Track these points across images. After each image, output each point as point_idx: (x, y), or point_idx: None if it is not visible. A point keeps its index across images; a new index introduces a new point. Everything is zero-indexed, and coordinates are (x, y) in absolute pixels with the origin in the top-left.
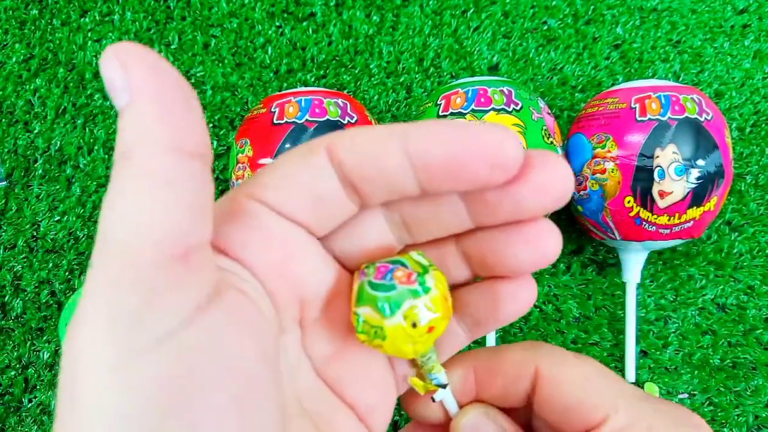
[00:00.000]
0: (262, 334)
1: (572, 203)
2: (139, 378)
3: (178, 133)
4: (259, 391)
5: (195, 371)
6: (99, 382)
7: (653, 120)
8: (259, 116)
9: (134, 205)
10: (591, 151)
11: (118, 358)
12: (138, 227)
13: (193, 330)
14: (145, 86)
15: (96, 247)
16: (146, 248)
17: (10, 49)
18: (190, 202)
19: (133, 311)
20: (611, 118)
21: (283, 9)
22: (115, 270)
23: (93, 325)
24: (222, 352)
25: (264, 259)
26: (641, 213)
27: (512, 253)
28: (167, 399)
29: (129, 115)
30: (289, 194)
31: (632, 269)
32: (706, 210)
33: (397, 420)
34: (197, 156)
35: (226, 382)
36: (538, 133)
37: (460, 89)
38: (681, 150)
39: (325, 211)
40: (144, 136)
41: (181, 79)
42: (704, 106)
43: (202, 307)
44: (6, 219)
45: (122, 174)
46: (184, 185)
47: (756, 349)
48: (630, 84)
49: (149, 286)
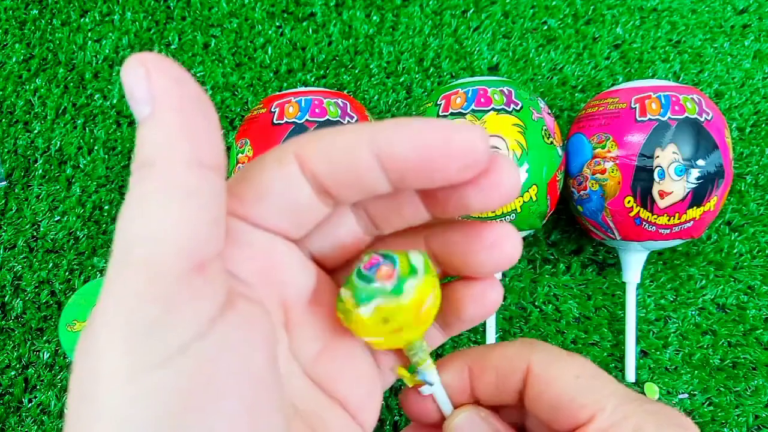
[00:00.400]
0: (270, 341)
1: (572, 203)
2: (154, 388)
3: (198, 146)
4: (268, 396)
5: (209, 381)
6: (116, 391)
7: (653, 120)
8: (259, 116)
9: (157, 216)
10: (591, 151)
11: (135, 368)
12: (161, 239)
13: (208, 341)
14: (168, 98)
15: (114, 256)
16: (169, 260)
17: (10, 49)
18: (208, 214)
19: (152, 322)
20: (611, 118)
21: (283, 9)
22: (136, 281)
23: (112, 334)
24: (234, 361)
25: (248, 270)
26: (641, 213)
27: (473, 254)
28: (181, 408)
29: (150, 125)
30: (265, 207)
31: (632, 269)
32: (706, 210)
33: (397, 420)
34: (215, 168)
35: (238, 389)
36: (538, 133)
37: (460, 89)
38: (681, 150)
39: (300, 217)
40: (166, 148)
41: (201, 92)
42: (704, 106)
43: (216, 318)
44: (6, 219)
45: (143, 185)
46: (203, 197)
47: (756, 349)
48: (630, 84)
49: (169, 297)
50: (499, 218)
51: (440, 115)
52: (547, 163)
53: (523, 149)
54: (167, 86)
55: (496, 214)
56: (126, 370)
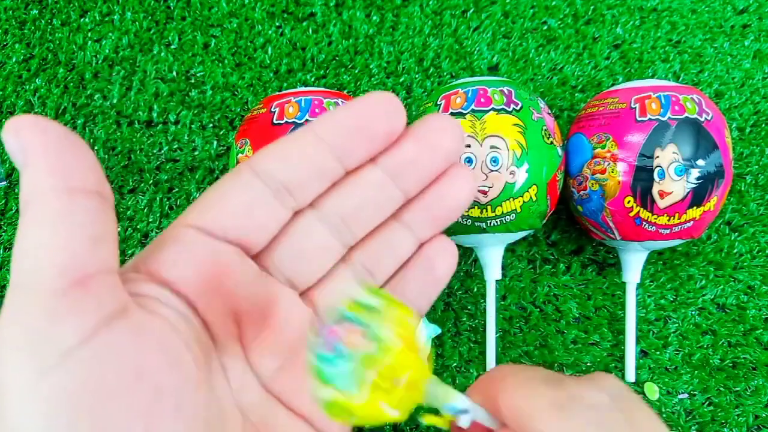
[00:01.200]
0: (172, 348)
1: (572, 203)
2: (50, 390)
3: (67, 176)
4: (168, 401)
5: (97, 385)
6: (19, 397)
7: (653, 120)
8: (259, 116)
9: (33, 243)
10: (591, 151)
11: (32, 374)
12: (38, 262)
13: (93, 345)
14: (35, 146)
15: (10, 281)
16: (47, 280)
17: (10, 49)
18: (87, 234)
19: (41, 333)
20: (611, 118)
21: (283, 9)
22: (22, 299)
23: (10, 347)
24: (122, 367)
25: (193, 280)
26: (641, 213)
27: (440, 197)
28: (75, 408)
29: (25, 172)
30: (218, 214)
31: (632, 269)
32: (706, 210)
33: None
34: (93, 194)
35: (130, 394)
36: (538, 133)
37: (461, 89)
38: (681, 150)
39: (257, 221)
40: (38, 186)
41: (68, 133)
42: (704, 106)
43: (103, 326)
44: (6, 219)
45: (23, 219)
46: (78, 220)
47: (756, 349)
48: (630, 84)
49: (51, 311)
50: (499, 218)
51: None
52: (547, 163)
53: (523, 149)
54: (34, 138)
55: (496, 214)
56: (25, 376)
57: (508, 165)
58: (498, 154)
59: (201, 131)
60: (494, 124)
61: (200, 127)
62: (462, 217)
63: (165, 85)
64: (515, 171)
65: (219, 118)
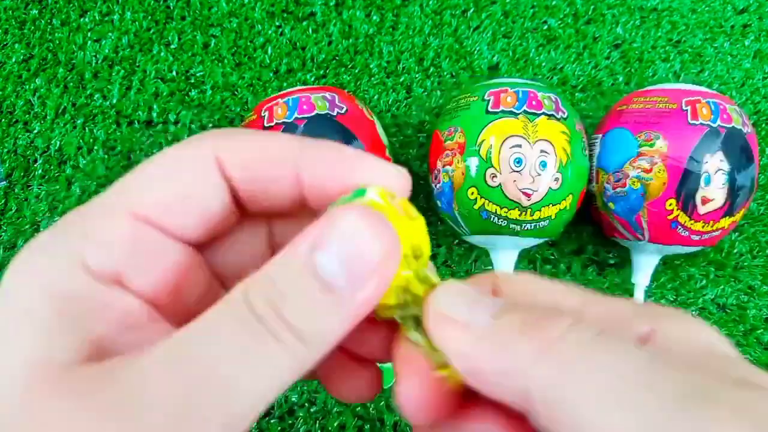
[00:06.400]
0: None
1: (601, 199)
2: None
3: None
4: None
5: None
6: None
7: (704, 125)
8: (250, 123)
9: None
10: (637, 147)
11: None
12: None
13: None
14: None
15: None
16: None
17: (10, 49)
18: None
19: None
20: (661, 117)
21: (283, 9)
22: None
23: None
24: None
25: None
26: (680, 217)
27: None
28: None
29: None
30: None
31: (643, 272)
32: (732, 221)
33: (397, 420)
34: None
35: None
36: (580, 143)
37: (509, 88)
38: (728, 159)
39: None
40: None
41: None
42: (745, 119)
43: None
44: (6, 219)
45: None
46: None
47: (756, 349)
48: (674, 85)
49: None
50: (535, 222)
51: (489, 112)
52: (585, 174)
53: (568, 157)
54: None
55: (534, 218)
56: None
57: (555, 171)
58: (547, 159)
59: (201, 131)
60: (545, 129)
61: (200, 127)
62: (498, 217)
63: (165, 85)
64: (559, 178)
65: (219, 118)
